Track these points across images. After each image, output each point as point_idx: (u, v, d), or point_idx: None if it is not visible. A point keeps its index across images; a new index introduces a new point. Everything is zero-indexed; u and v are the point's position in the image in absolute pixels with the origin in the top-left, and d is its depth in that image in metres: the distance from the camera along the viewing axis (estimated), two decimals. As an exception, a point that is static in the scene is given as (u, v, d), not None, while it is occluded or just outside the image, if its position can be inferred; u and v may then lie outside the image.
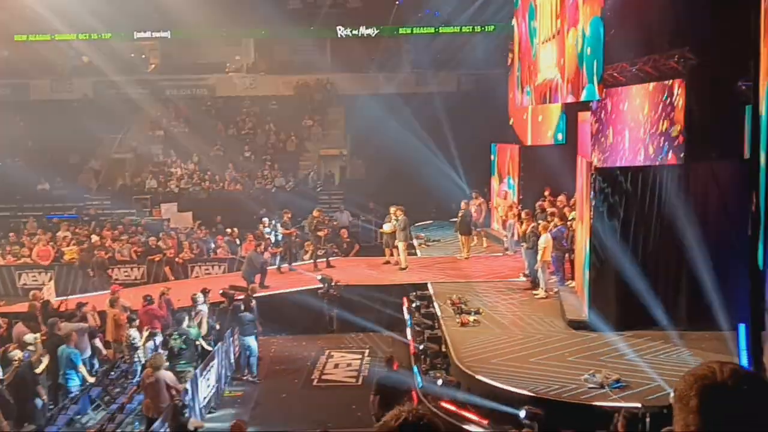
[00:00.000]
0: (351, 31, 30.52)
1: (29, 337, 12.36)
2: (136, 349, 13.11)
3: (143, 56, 33.69)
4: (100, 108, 28.46)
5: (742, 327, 9.49)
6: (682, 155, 12.22)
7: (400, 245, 18.27)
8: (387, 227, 18.59)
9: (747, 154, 10.52)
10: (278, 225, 19.41)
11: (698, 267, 11.58)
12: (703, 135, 11.76)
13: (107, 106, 28.35)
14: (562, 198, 17.43)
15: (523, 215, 16.80)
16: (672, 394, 1.73)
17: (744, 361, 9.20)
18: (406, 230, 18.33)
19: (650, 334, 12.31)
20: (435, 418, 1.74)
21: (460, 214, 19.32)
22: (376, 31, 30.49)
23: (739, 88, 10.97)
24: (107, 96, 29.37)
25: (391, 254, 18.62)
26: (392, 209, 18.52)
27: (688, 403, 1.57)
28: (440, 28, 29.96)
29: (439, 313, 14.73)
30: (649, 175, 12.51)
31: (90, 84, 30.87)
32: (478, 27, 28.40)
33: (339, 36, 30.61)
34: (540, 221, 15.81)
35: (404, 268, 18.19)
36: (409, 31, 30.36)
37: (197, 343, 12.95)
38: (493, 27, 28.01)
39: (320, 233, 19.42)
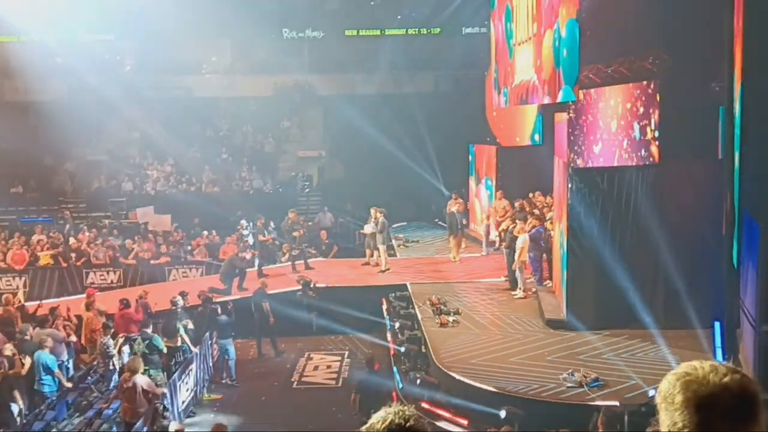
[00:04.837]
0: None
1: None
2: (111, 356, 12.95)
3: (118, 57, 33.28)
4: (75, 109, 28.03)
5: (717, 325, 9.64)
6: (657, 155, 12.36)
7: (381, 248, 18.25)
8: (367, 228, 18.56)
9: (721, 155, 10.69)
10: (255, 229, 19.29)
11: (674, 266, 11.73)
12: (677, 135, 11.91)
13: (82, 108, 27.93)
14: (541, 198, 17.48)
15: (499, 217, 16.90)
16: (655, 397, 1.75)
17: (719, 359, 9.34)
18: (384, 232, 18.31)
19: (627, 332, 12.46)
20: (422, 419, 1.74)
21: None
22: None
23: (712, 89, 11.13)
24: (82, 97, 28.95)
25: (371, 255, 18.58)
26: (372, 210, 18.49)
27: (673, 401, 1.60)
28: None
29: (418, 314, 14.75)
30: (625, 175, 12.65)
31: (64, 85, 30.44)
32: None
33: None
34: (518, 221, 15.88)
35: (384, 271, 18.16)
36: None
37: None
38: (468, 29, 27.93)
39: (295, 234, 19.30)
